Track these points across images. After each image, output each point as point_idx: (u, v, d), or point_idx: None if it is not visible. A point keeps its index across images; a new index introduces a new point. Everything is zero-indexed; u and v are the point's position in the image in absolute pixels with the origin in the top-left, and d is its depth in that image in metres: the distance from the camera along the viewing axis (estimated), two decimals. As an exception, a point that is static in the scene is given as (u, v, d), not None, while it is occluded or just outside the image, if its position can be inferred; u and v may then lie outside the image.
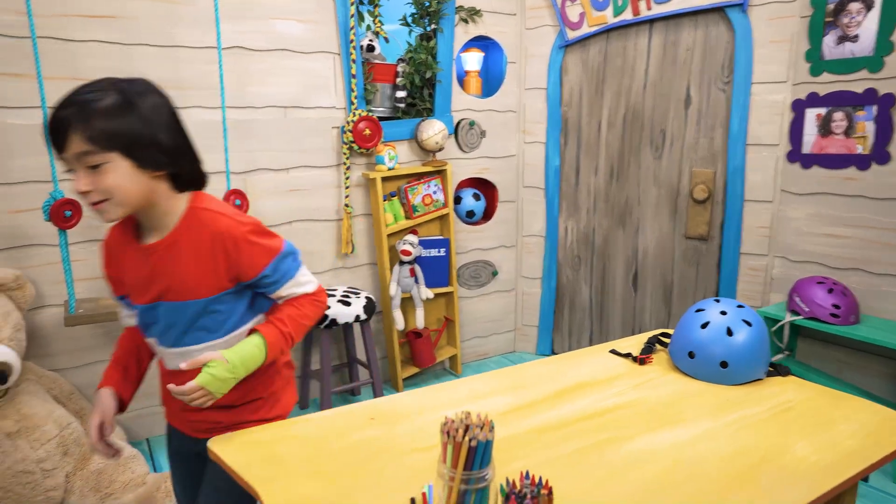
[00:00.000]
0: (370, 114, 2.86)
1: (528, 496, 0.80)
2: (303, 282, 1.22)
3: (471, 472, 0.80)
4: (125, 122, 1.01)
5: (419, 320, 2.99)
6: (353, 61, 2.77)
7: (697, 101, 2.83)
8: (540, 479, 0.84)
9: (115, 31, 2.33)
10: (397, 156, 2.93)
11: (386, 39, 2.97)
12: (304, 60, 2.71)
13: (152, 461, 2.46)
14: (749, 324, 1.42)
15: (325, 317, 2.57)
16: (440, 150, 3.01)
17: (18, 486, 1.89)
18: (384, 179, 2.92)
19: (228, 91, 2.51)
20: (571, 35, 3.13)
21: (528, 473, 0.85)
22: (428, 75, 2.97)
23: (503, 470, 0.99)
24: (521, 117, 3.35)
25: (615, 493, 0.99)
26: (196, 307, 1.14)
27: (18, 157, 2.24)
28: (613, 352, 1.59)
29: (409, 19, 3.02)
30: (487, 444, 0.81)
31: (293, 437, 1.16)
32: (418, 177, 3.02)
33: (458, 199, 3.27)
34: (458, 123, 3.16)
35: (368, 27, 2.93)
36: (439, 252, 3.08)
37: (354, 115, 2.79)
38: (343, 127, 2.82)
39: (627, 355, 1.56)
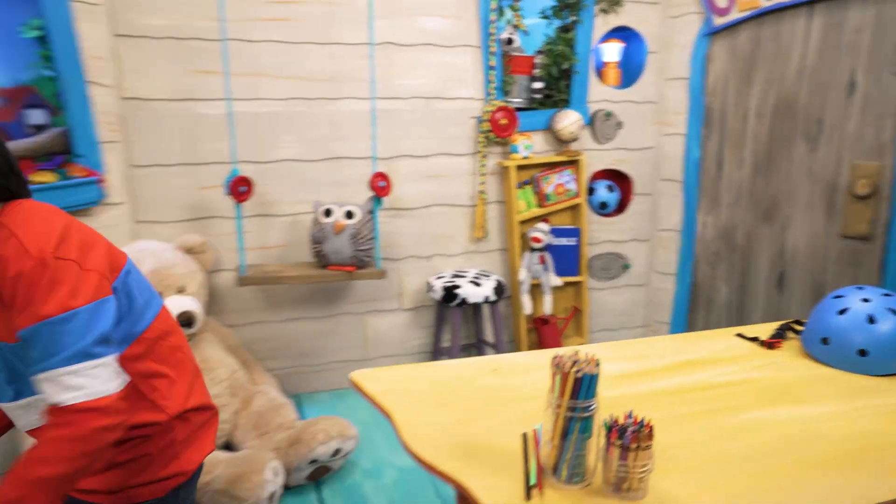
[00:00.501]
0: (507, 104, 2.97)
1: (629, 430, 0.86)
2: (67, 385, 0.85)
3: (576, 402, 0.88)
4: None
5: (547, 307, 3.06)
6: (492, 54, 2.91)
7: (863, 88, 2.61)
8: (642, 419, 0.90)
9: (286, 32, 2.66)
10: (532, 145, 3.02)
11: (525, 32, 3.06)
12: (446, 54, 2.89)
13: (300, 411, 2.77)
14: (896, 312, 1.34)
15: (456, 295, 2.73)
16: (575, 140, 3.05)
17: (197, 416, 2.25)
18: (518, 168, 3.02)
19: (378, 83, 2.76)
20: (719, 21, 3.01)
21: (631, 413, 0.91)
22: (565, 66, 3.02)
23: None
24: (661, 108, 3.28)
25: (715, 452, 1.01)
26: (9, 351, 0.92)
27: (208, 141, 2.64)
28: (740, 335, 1.57)
29: (549, 12, 3.09)
30: (593, 378, 0.88)
31: (424, 378, 1.30)
32: (552, 166, 3.08)
33: (591, 191, 3.28)
34: (595, 114, 3.17)
35: (508, 21, 3.04)
36: (570, 241, 3.12)
37: (492, 105, 2.92)
38: (480, 117, 2.96)
39: (755, 339, 1.53)
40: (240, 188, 2.44)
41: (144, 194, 2.61)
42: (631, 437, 0.86)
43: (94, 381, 0.86)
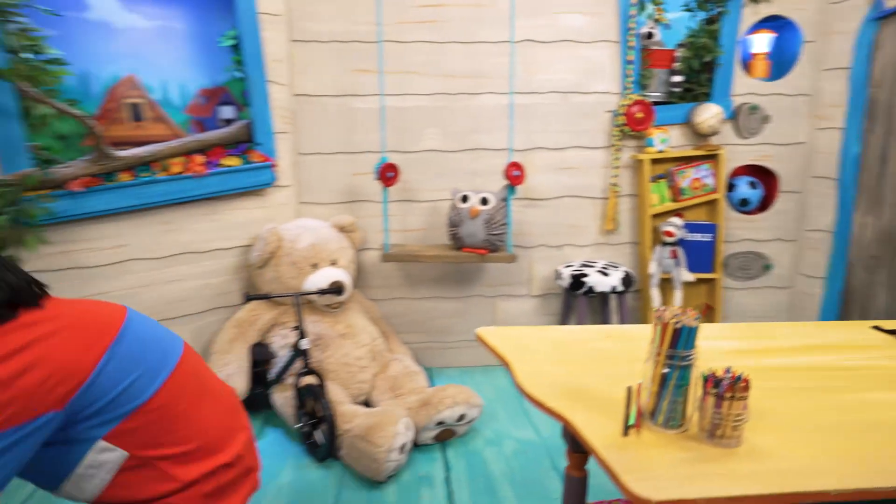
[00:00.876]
0: (644, 98, 2.98)
1: (725, 381, 0.93)
2: None
3: (674, 350, 0.96)
4: None
5: (677, 301, 3.02)
6: (631, 48, 2.93)
7: None
8: (740, 374, 0.96)
9: (433, 33, 2.90)
10: (668, 139, 3.00)
11: (667, 26, 3.05)
12: (584, 49, 2.97)
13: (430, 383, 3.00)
14: None
15: (583, 283, 2.80)
16: (714, 134, 2.98)
17: (343, 372, 2.55)
18: (653, 161, 3.02)
19: (517, 79, 2.91)
20: (891, 3, 2.79)
21: (729, 369, 0.98)
22: (707, 59, 2.97)
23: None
24: (815, 101, 3.09)
25: (820, 421, 1.04)
26: None
27: (361, 132, 2.95)
28: (877, 328, 1.51)
29: (693, 4, 3.05)
30: (692, 330, 0.96)
31: (542, 338, 1.43)
32: (688, 160, 3.04)
33: (731, 187, 3.18)
34: (738, 108, 3.07)
35: (650, 16, 3.05)
36: (704, 237, 3.05)
37: (628, 99, 2.95)
38: (616, 111, 3.00)
39: (892, 332, 1.47)
40: (387, 174, 2.72)
41: (307, 178, 2.98)
42: (726, 386, 0.93)
43: None
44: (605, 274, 2.82)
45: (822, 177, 3.12)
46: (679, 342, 0.96)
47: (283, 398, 2.50)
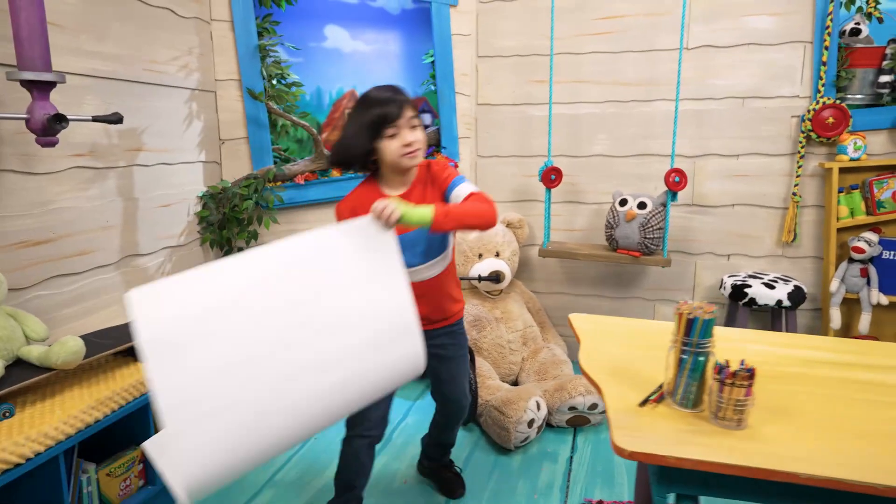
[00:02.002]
0: (842, 101, 2.76)
1: (729, 368, 1.04)
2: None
3: (689, 339, 1.09)
4: None
5: (863, 325, 2.74)
6: (826, 48, 2.74)
7: None
8: (751, 367, 1.05)
9: (609, 44, 3.04)
10: (865, 146, 2.73)
11: (879, 20, 2.77)
12: (769, 52, 2.85)
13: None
14: None
15: (745, 294, 2.72)
16: (927, 140, 2.64)
17: (495, 352, 2.87)
18: (846, 171, 2.77)
19: (692, 85, 2.91)
20: None
21: (743, 361, 1.07)
22: (925, 56, 2.63)
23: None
24: None
25: (840, 420, 1.06)
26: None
27: (534, 138, 3.22)
28: None
29: (915, -5, 2.72)
30: (706, 322, 1.08)
31: (622, 326, 1.59)
32: (892, 170, 2.73)
33: (955, 201, 2.76)
34: (968, 110, 2.66)
35: (860, 9, 2.79)
36: (907, 256, 2.71)
37: (818, 103, 2.76)
38: (803, 116, 2.82)
39: None
40: (550, 176, 2.95)
41: (484, 178, 3.35)
42: (727, 374, 1.04)
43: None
44: (771, 287, 2.70)
45: None
46: (692, 331, 1.08)
47: (441, 366, 2.90)
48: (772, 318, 3.00)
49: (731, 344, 1.46)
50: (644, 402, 1.14)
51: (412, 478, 2.26)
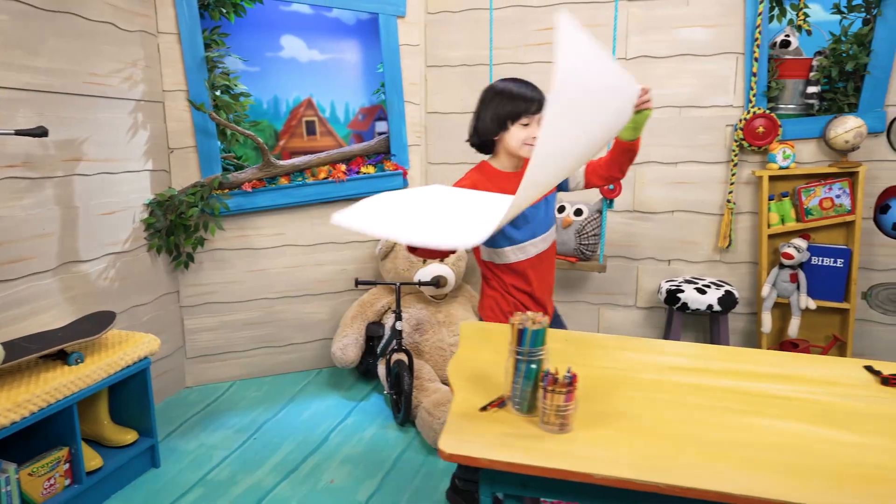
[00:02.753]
0: (773, 111, 2.83)
1: (551, 375, 1.12)
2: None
3: (520, 348, 1.17)
4: None
5: (792, 329, 2.81)
6: (756, 60, 2.80)
7: None
8: (574, 374, 1.13)
9: (550, 54, 3.09)
10: (794, 154, 2.80)
11: (808, 32, 2.83)
12: (704, 63, 2.92)
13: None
14: None
15: (677, 299, 2.79)
16: (852, 150, 2.70)
17: (437, 354, 2.95)
18: (776, 179, 2.84)
19: (628, 95, 2.98)
20: None
21: (570, 369, 1.15)
22: (850, 67, 2.69)
23: (611, 389, 1.26)
24: None
25: (683, 434, 1.13)
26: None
27: (481, 146, 3.29)
28: (868, 368, 1.43)
29: (843, 6, 2.78)
30: (535, 332, 1.16)
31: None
32: (820, 178, 2.79)
33: (885, 209, 2.82)
34: (894, 121, 2.72)
35: (791, 21, 2.86)
36: (834, 262, 2.78)
37: (750, 112, 2.83)
38: (735, 125, 2.89)
39: (878, 373, 1.38)
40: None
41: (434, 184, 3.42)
42: (549, 380, 1.12)
43: None
44: (703, 292, 2.77)
45: None
46: (523, 341, 1.16)
47: (383, 370, 2.98)
48: (710, 322, 3.07)
49: (606, 351, 1.53)
50: (485, 408, 1.22)
51: (340, 478, 2.34)
